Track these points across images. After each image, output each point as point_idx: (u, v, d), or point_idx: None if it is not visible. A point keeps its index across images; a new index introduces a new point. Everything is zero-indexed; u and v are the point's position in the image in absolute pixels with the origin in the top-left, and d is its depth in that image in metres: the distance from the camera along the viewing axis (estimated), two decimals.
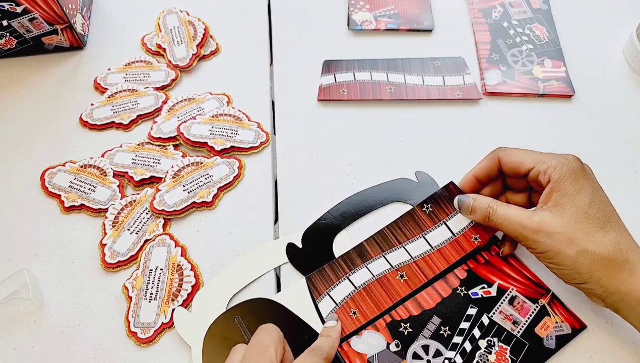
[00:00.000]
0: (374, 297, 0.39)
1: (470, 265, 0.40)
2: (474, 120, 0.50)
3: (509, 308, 0.39)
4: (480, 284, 0.40)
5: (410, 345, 0.38)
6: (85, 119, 0.50)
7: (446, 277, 0.40)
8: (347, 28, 0.57)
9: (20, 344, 0.39)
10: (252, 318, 0.38)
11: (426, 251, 0.41)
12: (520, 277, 0.40)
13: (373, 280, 0.40)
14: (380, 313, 0.39)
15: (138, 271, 0.41)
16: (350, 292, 0.39)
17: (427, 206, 0.42)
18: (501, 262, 0.41)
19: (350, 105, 0.52)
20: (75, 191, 0.46)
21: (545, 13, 0.58)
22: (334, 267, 0.41)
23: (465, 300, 0.39)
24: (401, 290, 0.39)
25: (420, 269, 0.40)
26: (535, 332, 0.38)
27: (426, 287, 0.40)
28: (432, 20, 0.57)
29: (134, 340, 0.38)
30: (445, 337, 0.38)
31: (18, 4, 0.49)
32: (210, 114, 0.50)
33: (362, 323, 0.38)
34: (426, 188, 0.45)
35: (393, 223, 0.42)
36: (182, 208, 0.44)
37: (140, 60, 0.55)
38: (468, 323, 0.38)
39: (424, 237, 0.41)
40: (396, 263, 0.40)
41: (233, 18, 0.59)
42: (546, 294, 0.39)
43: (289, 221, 0.44)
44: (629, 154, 0.48)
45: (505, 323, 0.38)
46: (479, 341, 0.38)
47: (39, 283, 0.41)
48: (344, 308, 0.39)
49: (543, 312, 0.39)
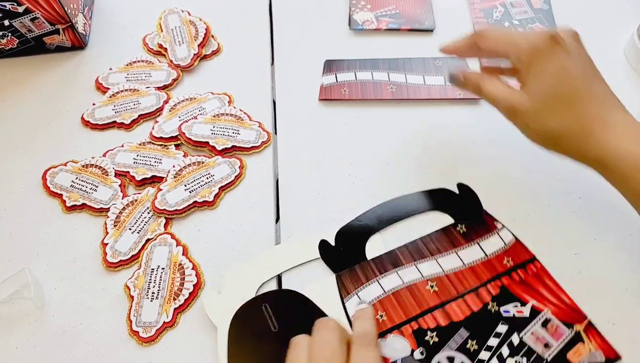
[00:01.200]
0: (402, 303, 0.39)
1: (504, 281, 0.40)
2: (475, 120, 0.50)
3: (541, 330, 0.37)
4: (514, 302, 0.39)
5: (435, 354, 0.37)
6: (86, 118, 0.50)
7: (478, 291, 0.39)
8: (348, 28, 0.57)
9: (22, 344, 0.39)
10: (279, 308, 0.38)
11: (458, 267, 0.40)
12: (557, 300, 0.39)
13: (403, 286, 0.39)
14: (408, 320, 0.38)
15: (139, 270, 0.41)
16: (379, 295, 0.39)
17: (462, 226, 0.42)
18: (538, 283, 0.39)
19: (351, 105, 0.52)
20: (77, 191, 0.46)
21: (546, 13, 0.58)
22: (365, 268, 0.40)
23: (496, 316, 0.38)
24: (430, 299, 0.39)
25: (451, 282, 0.40)
26: (567, 357, 0.36)
27: (456, 300, 0.39)
28: (433, 20, 0.57)
29: (136, 339, 0.38)
30: (472, 352, 0.37)
31: (20, 4, 0.49)
32: (211, 113, 0.50)
33: (388, 327, 0.38)
34: (466, 201, 0.44)
35: (427, 236, 0.42)
36: (183, 208, 0.44)
37: (142, 60, 0.55)
38: (497, 340, 0.37)
39: (457, 253, 0.41)
40: (427, 274, 0.40)
41: (234, 18, 0.59)
42: (582, 320, 0.38)
43: (290, 221, 0.44)
44: None
45: (536, 346, 0.37)
46: (506, 360, 0.36)
47: (41, 282, 0.41)
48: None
49: (577, 338, 0.37)
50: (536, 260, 0.41)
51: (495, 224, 0.43)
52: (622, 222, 0.43)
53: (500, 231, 0.42)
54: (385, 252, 0.41)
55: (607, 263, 0.41)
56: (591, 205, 0.44)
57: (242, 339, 0.37)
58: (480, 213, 0.43)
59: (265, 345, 0.37)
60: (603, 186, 0.37)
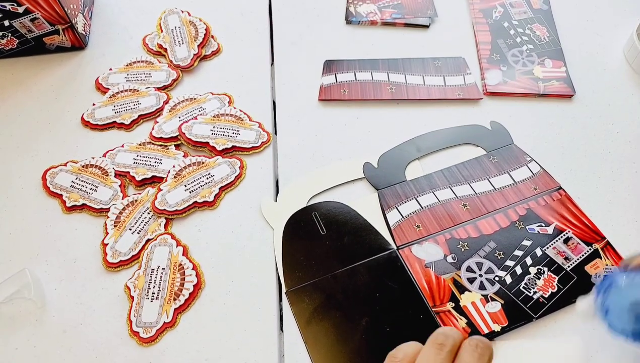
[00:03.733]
0: (437, 217, 0.43)
1: (530, 205, 0.44)
2: (475, 120, 0.50)
3: (562, 246, 0.41)
4: (539, 222, 0.43)
5: (465, 260, 0.41)
6: (86, 119, 0.50)
7: (507, 211, 0.43)
8: (348, 28, 0.58)
9: (22, 344, 0.39)
10: (327, 216, 0.44)
11: (489, 190, 0.45)
12: (578, 222, 0.43)
13: (438, 204, 0.44)
14: (442, 231, 0.43)
15: (140, 271, 0.41)
16: (417, 210, 0.44)
17: (494, 157, 0.47)
18: (562, 207, 0.44)
19: (351, 105, 0.52)
20: (77, 191, 0.46)
21: (545, 13, 0.58)
22: (405, 187, 0.45)
23: (522, 232, 0.42)
24: (463, 215, 0.43)
25: (482, 203, 0.44)
26: (585, 269, 0.40)
27: (486, 217, 0.43)
28: (434, 10, 0.58)
29: (136, 339, 0.39)
30: (499, 259, 0.41)
31: (19, 4, 0.49)
32: (211, 114, 0.50)
33: (424, 236, 0.42)
34: (498, 137, 0.49)
35: (461, 164, 0.47)
36: (183, 208, 0.44)
37: (142, 60, 0.55)
38: (522, 251, 0.41)
39: (488, 179, 0.45)
40: (460, 195, 0.45)
41: (234, 18, 0.59)
42: (601, 240, 0.42)
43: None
44: (630, 153, 0.48)
45: (557, 258, 0.41)
46: (529, 267, 0.41)
47: (41, 282, 0.41)
48: (409, 221, 0.43)
49: (595, 254, 0.41)
50: (562, 189, 0.45)
51: (524, 157, 0.47)
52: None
53: (529, 163, 0.47)
54: (423, 175, 0.46)
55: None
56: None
57: (295, 238, 0.43)
58: (510, 148, 0.48)
59: (314, 244, 0.43)
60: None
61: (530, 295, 0.39)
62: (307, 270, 0.41)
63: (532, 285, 0.40)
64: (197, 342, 0.39)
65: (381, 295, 0.40)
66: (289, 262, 0.42)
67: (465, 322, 0.38)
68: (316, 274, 0.41)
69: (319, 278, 0.41)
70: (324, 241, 0.42)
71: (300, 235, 0.43)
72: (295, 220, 0.44)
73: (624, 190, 0.45)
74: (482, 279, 0.40)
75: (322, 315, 0.39)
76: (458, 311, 0.39)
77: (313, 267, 0.41)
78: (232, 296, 0.41)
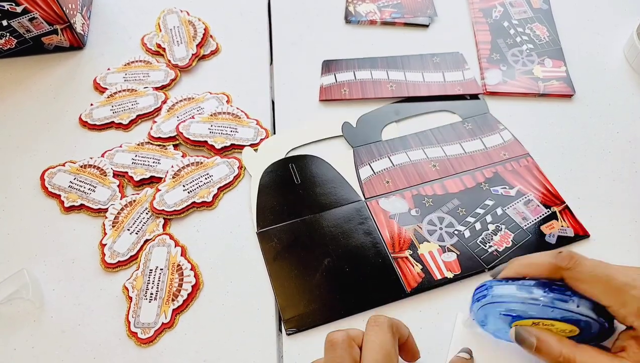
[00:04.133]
0: (406, 175, 0.45)
1: (498, 169, 0.46)
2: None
3: (522, 207, 0.43)
4: (503, 185, 0.45)
5: (428, 214, 0.43)
6: (84, 119, 0.50)
7: (474, 173, 0.46)
8: (347, 27, 0.57)
9: (20, 344, 0.39)
10: (303, 167, 0.47)
11: (460, 153, 0.47)
12: (540, 187, 0.45)
13: (409, 163, 0.46)
14: (409, 187, 0.45)
15: (138, 271, 0.41)
16: (388, 168, 0.46)
17: (468, 124, 0.49)
18: (527, 173, 0.45)
19: (350, 105, 0.52)
20: (75, 191, 0.46)
21: (545, 13, 0.58)
22: (379, 146, 0.48)
23: (486, 193, 0.44)
24: (431, 174, 0.46)
25: (451, 164, 0.46)
26: (541, 229, 0.42)
27: (453, 177, 0.45)
28: (434, 9, 0.58)
29: (134, 340, 0.38)
30: (460, 215, 0.43)
31: (18, 4, 0.49)
32: (209, 113, 0.50)
33: (392, 190, 0.45)
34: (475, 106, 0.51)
35: (436, 129, 0.49)
36: (182, 208, 0.44)
37: (140, 60, 0.55)
38: (483, 210, 0.43)
39: (460, 144, 0.48)
40: (431, 156, 0.47)
41: (233, 18, 0.59)
42: (560, 204, 0.44)
43: None
44: (630, 153, 0.47)
45: (515, 217, 0.43)
46: (488, 224, 0.43)
47: (39, 283, 0.41)
48: (379, 176, 0.45)
49: (552, 216, 0.43)
50: (530, 156, 0.47)
51: (497, 125, 0.49)
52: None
53: (502, 131, 0.49)
54: (398, 136, 0.48)
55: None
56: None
57: (271, 185, 0.46)
58: (485, 116, 0.50)
59: (288, 191, 0.45)
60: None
61: (486, 249, 0.41)
62: (279, 214, 0.44)
63: (488, 240, 0.42)
64: (196, 343, 0.38)
65: (345, 240, 0.42)
66: (263, 206, 0.44)
67: (420, 268, 0.41)
68: (287, 218, 0.43)
69: (289, 222, 0.43)
70: (297, 189, 0.45)
71: (277, 183, 0.45)
72: (273, 169, 0.46)
73: (624, 190, 0.45)
74: (441, 232, 0.42)
75: (288, 254, 0.42)
76: (415, 258, 0.41)
77: (285, 211, 0.44)
78: (231, 297, 0.41)
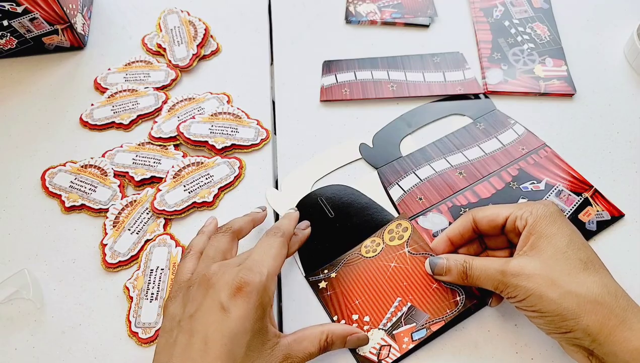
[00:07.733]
0: (436, 187, 0.45)
1: (521, 165, 0.46)
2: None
3: (556, 199, 0.44)
4: (531, 180, 0.45)
5: None
6: (85, 119, 0.50)
7: (500, 174, 0.45)
8: (347, 27, 0.57)
9: (21, 344, 0.39)
10: (333, 199, 0.45)
11: (481, 156, 0.47)
12: (566, 175, 0.45)
13: (436, 175, 0.46)
14: (443, 200, 0.44)
15: (139, 271, 0.41)
16: (417, 183, 0.45)
17: (480, 124, 0.49)
18: (549, 163, 0.46)
19: (350, 105, 0.52)
20: (76, 191, 0.46)
21: (546, 12, 0.58)
22: (402, 163, 0.47)
23: (517, 192, 0.44)
24: (460, 183, 0.45)
25: (476, 168, 0.46)
26: (579, 217, 0.43)
27: (482, 181, 0.45)
28: (435, 9, 0.58)
29: (135, 340, 0.38)
30: None
31: (18, 4, 0.49)
32: (209, 113, 0.50)
33: (427, 207, 0.44)
34: (482, 104, 0.51)
35: (451, 134, 0.49)
36: (182, 209, 0.44)
37: (141, 60, 0.55)
38: None
39: (479, 145, 0.48)
40: (455, 164, 0.46)
41: (233, 18, 0.59)
42: (589, 189, 0.44)
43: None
44: (630, 153, 0.47)
45: None
46: None
47: (40, 283, 0.41)
48: (411, 194, 0.45)
49: (586, 203, 0.44)
50: (547, 146, 0.47)
51: (508, 121, 0.49)
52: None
53: (514, 126, 0.49)
54: (417, 149, 0.48)
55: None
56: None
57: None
58: (494, 113, 0.50)
59: (324, 227, 0.43)
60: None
61: None
62: (322, 254, 0.42)
63: None
64: None
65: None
66: (303, 249, 0.42)
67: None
68: (331, 256, 0.42)
69: (334, 260, 0.42)
70: (333, 223, 0.43)
71: (310, 221, 0.43)
72: (303, 207, 0.44)
73: (623, 190, 0.45)
74: None
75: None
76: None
77: (327, 249, 0.42)
78: None
